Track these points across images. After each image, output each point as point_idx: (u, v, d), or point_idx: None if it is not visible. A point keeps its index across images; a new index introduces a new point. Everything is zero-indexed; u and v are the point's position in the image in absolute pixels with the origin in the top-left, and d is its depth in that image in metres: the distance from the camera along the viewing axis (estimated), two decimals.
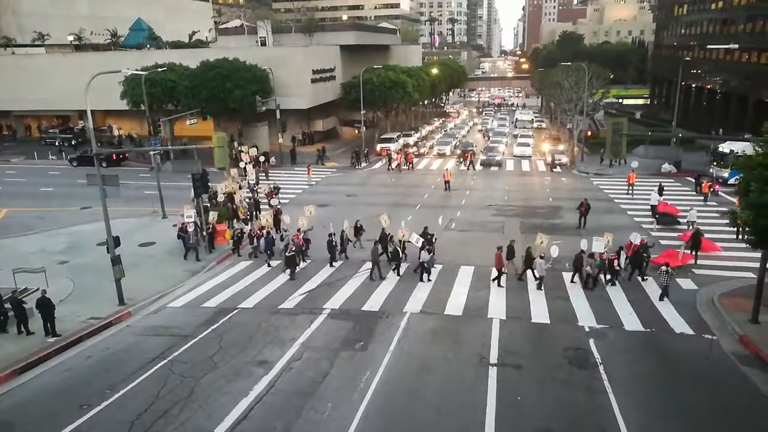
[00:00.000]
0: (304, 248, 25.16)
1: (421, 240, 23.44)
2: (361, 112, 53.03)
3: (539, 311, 19.75)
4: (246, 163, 39.17)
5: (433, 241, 23.99)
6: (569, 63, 61.96)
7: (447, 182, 39.43)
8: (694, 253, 24.12)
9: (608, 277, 21.99)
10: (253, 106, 47.44)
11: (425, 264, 22.47)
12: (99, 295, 21.32)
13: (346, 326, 18.60)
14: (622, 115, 72.94)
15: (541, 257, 21.72)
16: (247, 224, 26.72)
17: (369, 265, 23.42)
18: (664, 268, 20.60)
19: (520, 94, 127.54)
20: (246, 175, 35.68)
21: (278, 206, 30.09)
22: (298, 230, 25.44)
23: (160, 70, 45.38)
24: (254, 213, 31.10)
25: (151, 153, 37.81)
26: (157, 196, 32.30)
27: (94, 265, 24.40)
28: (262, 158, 42.58)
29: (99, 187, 20.71)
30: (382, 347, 16.95)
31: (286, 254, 23.06)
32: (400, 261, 23.31)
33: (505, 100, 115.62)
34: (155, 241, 28.27)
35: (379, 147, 54.62)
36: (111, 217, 21.11)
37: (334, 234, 24.81)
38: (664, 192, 33.63)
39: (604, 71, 60.12)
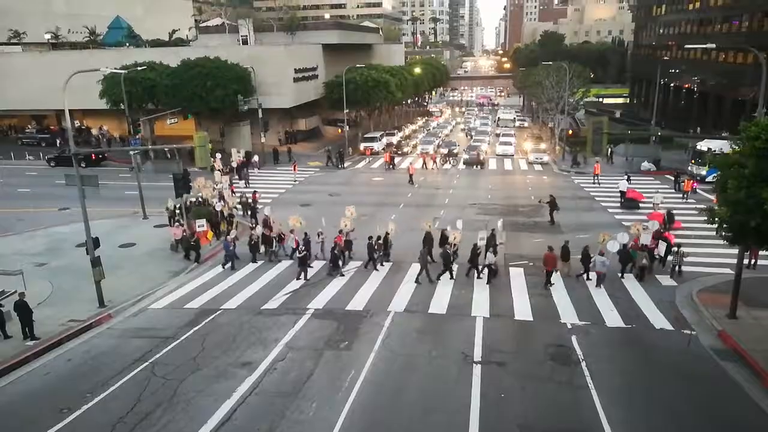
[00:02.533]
0: (346, 251, 24.44)
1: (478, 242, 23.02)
2: (344, 111, 52.82)
3: (522, 309, 19.87)
4: (218, 170, 37.80)
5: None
6: (550, 62, 62.57)
7: (411, 176, 41.29)
8: (667, 228, 26.06)
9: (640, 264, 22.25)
10: (234, 106, 47.10)
11: (492, 266, 21.90)
12: (78, 298, 21.02)
13: (330, 326, 18.54)
14: (602, 114, 73.75)
15: (601, 254, 21.77)
16: (254, 229, 26.10)
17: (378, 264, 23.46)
18: (675, 248, 22.24)
19: (502, 93, 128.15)
20: (221, 182, 34.37)
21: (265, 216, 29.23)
22: (340, 231, 24.61)
23: (139, 68, 44.79)
24: (249, 216, 30.75)
25: (131, 153, 37.30)
26: (137, 197, 31.88)
27: (73, 267, 24.05)
28: (234, 162, 41.13)
29: (78, 188, 20.37)
30: (366, 347, 16.93)
31: (298, 255, 22.86)
32: (451, 263, 22.39)
33: (492, 100, 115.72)
34: (136, 242, 27.98)
35: (362, 146, 54.95)
36: (90, 218, 20.85)
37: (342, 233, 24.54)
38: (631, 180, 36.57)
39: (585, 70, 60.83)
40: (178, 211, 28.34)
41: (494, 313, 19.53)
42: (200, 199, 30.59)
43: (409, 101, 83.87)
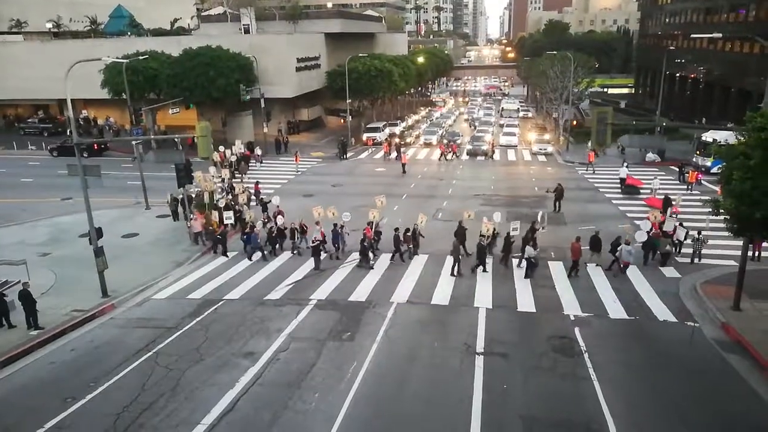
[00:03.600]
0: (375, 240, 23.99)
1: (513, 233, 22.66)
2: (347, 101, 52.47)
3: (525, 300, 19.78)
4: (216, 162, 37.35)
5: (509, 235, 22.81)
6: (555, 52, 62.04)
7: (403, 165, 41.10)
8: (663, 213, 26.06)
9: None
10: (236, 95, 46.79)
11: (532, 259, 21.49)
12: (82, 288, 21.02)
13: (333, 317, 18.50)
14: (607, 104, 73.23)
15: (627, 243, 21.75)
16: (266, 224, 25.52)
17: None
18: (695, 234, 22.47)
19: (506, 83, 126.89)
20: (222, 175, 33.99)
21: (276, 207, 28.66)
22: (369, 224, 24.18)
23: (141, 57, 44.59)
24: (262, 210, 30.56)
25: (133, 143, 37.19)
26: (139, 187, 31.81)
27: (77, 257, 24.04)
28: (233, 156, 40.20)
29: (80, 178, 20.32)
30: (369, 337, 16.88)
31: (311, 245, 22.80)
32: (485, 256, 21.91)
33: (501, 89, 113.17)
34: (138, 232, 27.95)
35: (365, 136, 54.44)
36: (93, 208, 20.82)
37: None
38: (629, 167, 37.33)
39: (590, 60, 60.32)
40: (181, 204, 28.22)
41: (497, 304, 19.47)
42: (200, 192, 30.39)
43: (412, 91, 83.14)
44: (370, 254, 23.05)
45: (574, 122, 56.28)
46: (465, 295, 20.27)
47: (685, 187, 35.74)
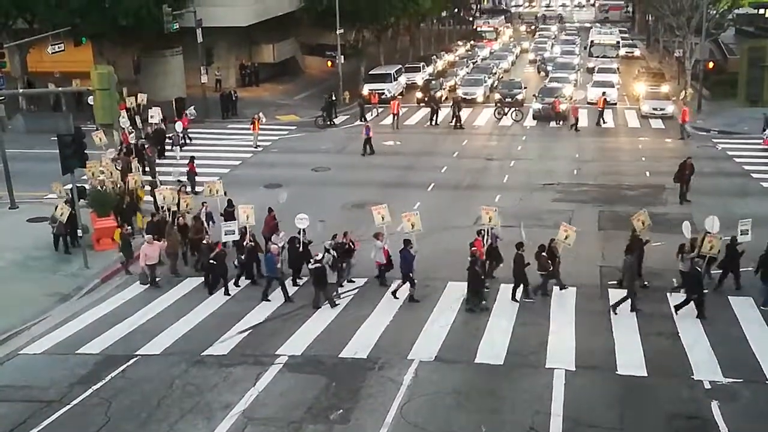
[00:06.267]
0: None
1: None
2: (337, 31, 39.53)
3: (630, 357, 14.98)
4: (119, 149, 26.92)
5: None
6: None
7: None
8: None
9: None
10: (157, 23, 34.45)
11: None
12: None
13: (315, 384, 14.31)
14: (763, 34, 52.09)
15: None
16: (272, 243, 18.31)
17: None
18: None
19: (597, 3, 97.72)
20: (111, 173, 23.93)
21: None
22: (478, 233, 18.42)
23: None
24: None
25: None
26: (1, 173, 24.61)
27: None
28: (151, 123, 29.75)
29: None
30: (373, 418, 13.01)
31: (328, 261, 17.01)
32: (548, 279, 17.10)
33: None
34: None
35: (366, 89, 40.19)
36: None
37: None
38: None
39: None
40: (69, 204, 19.85)
41: (583, 363, 14.76)
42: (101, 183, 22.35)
43: (444, 14, 63.80)
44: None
45: (711, 65, 42.11)
46: (531, 348, 15.55)
47: None
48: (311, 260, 16.94)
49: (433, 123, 35.37)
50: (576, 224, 20.72)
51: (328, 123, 35.61)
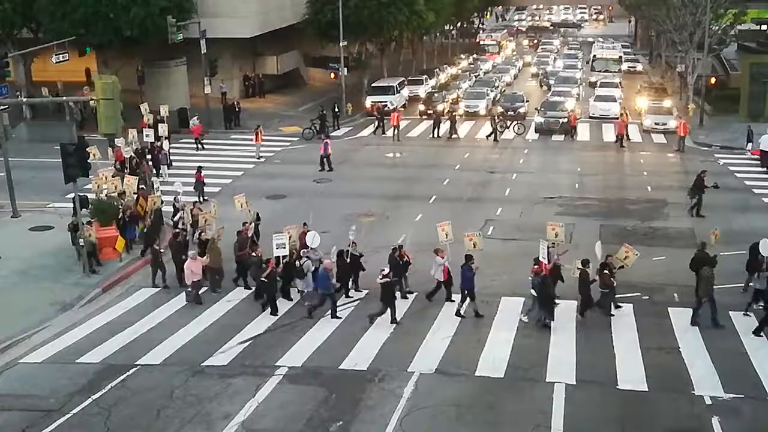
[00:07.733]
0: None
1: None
2: (340, 43, 40.24)
3: (630, 371, 14.86)
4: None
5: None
6: None
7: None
8: None
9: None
10: (162, 33, 34.91)
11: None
12: None
13: (315, 396, 14.25)
14: (766, 51, 50.33)
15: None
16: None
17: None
18: None
19: (601, 17, 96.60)
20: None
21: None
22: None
23: None
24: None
25: None
26: (2, 181, 24.82)
27: None
28: (128, 149, 27.70)
29: None
30: (373, 431, 13.04)
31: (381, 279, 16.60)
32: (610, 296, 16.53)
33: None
34: (0, 254, 21.78)
35: (368, 101, 41.17)
36: None
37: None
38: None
39: None
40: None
41: (584, 377, 14.61)
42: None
43: (448, 28, 64.32)
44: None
45: (713, 80, 42.10)
46: (531, 361, 15.41)
47: None
48: (380, 274, 16.42)
49: (436, 135, 35.38)
50: (577, 238, 20.58)
51: (320, 136, 34.90)
